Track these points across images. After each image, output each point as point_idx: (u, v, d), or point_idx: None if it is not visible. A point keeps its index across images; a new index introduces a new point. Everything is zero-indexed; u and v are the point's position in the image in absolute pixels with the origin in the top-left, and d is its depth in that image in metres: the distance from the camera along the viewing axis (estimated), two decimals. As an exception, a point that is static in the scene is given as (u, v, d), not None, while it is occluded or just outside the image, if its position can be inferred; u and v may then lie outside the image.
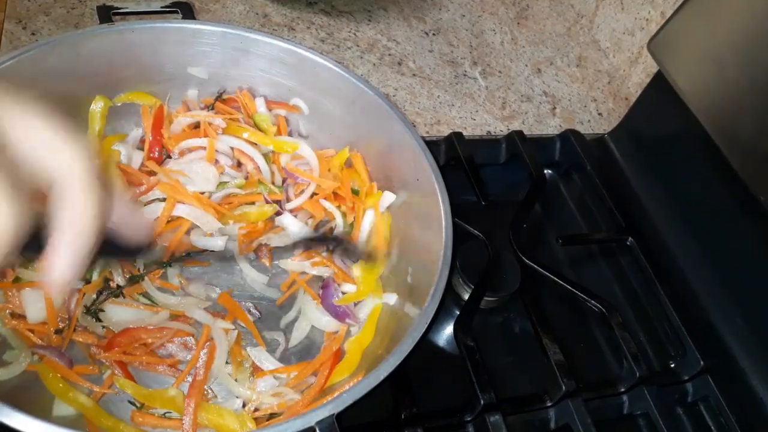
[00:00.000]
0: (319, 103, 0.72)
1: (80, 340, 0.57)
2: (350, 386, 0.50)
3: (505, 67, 0.98)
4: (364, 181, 0.71)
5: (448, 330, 0.69)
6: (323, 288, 0.65)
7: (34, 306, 0.57)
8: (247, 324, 0.62)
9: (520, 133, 0.81)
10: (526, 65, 1.00)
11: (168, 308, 0.60)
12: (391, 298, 0.64)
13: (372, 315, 0.64)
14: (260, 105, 0.73)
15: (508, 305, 0.71)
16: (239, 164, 0.71)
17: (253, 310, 0.64)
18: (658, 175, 0.80)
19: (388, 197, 0.69)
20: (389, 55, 0.93)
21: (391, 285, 0.66)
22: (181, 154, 0.69)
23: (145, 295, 0.61)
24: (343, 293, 0.65)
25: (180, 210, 0.65)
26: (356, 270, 0.68)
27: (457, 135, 0.78)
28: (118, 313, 0.59)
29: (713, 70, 0.66)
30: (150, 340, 0.58)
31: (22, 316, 0.57)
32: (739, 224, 0.69)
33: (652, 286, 0.73)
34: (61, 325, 0.57)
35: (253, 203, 0.69)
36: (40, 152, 0.32)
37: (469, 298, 0.65)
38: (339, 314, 0.64)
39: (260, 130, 0.72)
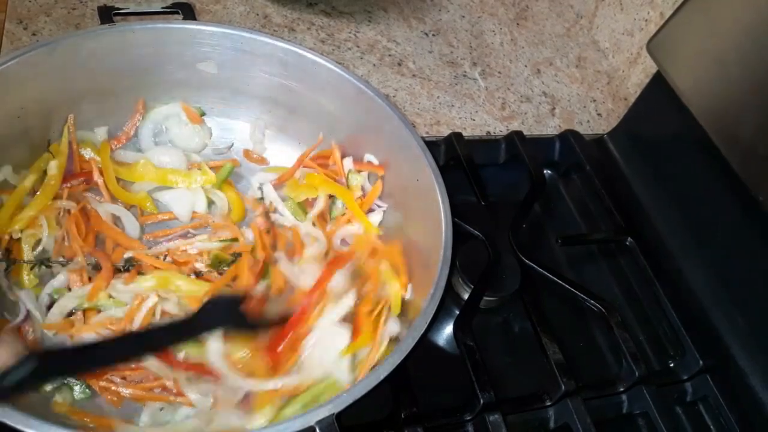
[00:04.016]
0: (319, 103, 0.72)
1: None
2: (350, 386, 0.50)
3: (504, 67, 0.98)
4: (397, 268, 0.65)
5: (448, 330, 0.69)
6: None
7: None
8: None
9: (519, 133, 0.82)
10: (526, 66, 1.00)
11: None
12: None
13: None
14: (348, 164, 0.71)
15: (508, 305, 0.72)
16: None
17: None
18: (657, 175, 0.80)
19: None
20: (389, 55, 0.94)
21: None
22: None
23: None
24: None
25: None
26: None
27: (457, 135, 0.79)
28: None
29: (712, 70, 0.67)
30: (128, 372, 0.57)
31: None
32: (738, 224, 0.69)
33: (652, 286, 0.73)
34: None
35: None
36: None
37: (468, 298, 0.65)
38: None
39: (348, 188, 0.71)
